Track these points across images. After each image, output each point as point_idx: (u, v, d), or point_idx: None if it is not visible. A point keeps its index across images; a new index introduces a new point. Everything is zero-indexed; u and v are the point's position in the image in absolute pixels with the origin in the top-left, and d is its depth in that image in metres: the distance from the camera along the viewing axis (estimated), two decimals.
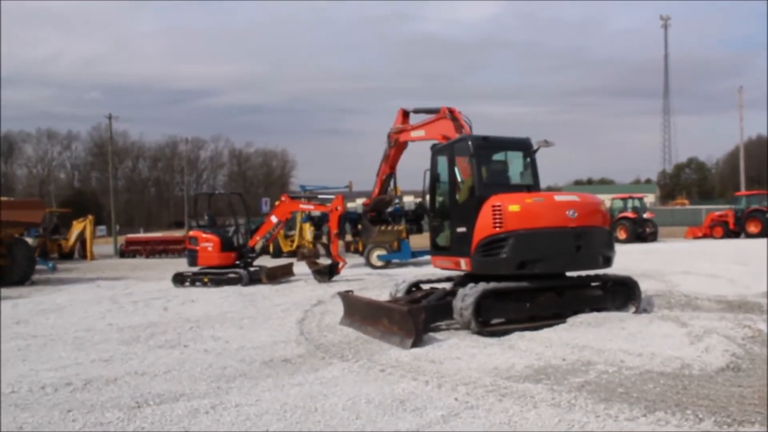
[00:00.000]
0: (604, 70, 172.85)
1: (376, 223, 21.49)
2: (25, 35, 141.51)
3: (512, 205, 9.55)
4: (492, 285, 9.30)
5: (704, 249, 27.89)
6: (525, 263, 9.50)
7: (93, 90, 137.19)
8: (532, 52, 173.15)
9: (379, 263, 22.78)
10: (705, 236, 38.53)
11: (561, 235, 9.66)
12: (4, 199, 24.81)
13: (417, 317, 8.44)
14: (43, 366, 7.98)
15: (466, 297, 9.13)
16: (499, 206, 9.53)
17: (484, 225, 9.59)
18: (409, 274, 19.62)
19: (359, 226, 25.06)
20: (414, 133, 16.84)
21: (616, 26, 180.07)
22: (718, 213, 40.16)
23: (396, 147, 17.74)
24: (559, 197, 10.42)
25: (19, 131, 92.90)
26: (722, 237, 37.41)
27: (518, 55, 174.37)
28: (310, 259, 18.76)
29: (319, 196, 22.09)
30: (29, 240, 26.99)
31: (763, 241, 32.54)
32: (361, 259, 23.86)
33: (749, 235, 36.33)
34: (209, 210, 19.54)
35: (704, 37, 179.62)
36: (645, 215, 37.85)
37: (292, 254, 29.75)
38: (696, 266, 18.80)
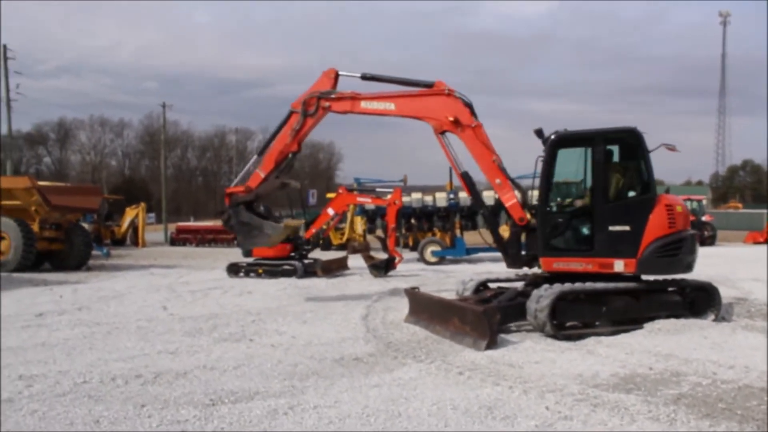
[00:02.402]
0: (658, 68, 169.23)
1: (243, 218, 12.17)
2: (86, 25, 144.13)
3: (678, 205, 9.61)
4: (569, 287, 8.91)
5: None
6: (689, 265, 9.65)
7: (148, 80, 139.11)
8: (586, 49, 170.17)
9: (433, 259, 22.45)
10: (767, 241, 37.22)
11: (692, 237, 9.81)
12: (63, 185, 25.18)
13: (492, 318, 8.11)
14: (111, 355, 7.87)
15: (542, 299, 8.77)
16: (671, 206, 9.47)
17: (658, 225, 9.37)
18: (466, 271, 19.33)
19: (412, 221, 24.84)
20: (372, 105, 11.40)
21: (673, 23, 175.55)
22: None
23: (317, 117, 11.62)
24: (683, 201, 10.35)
25: (74, 119, 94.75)
26: None
27: (572, 51, 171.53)
28: (366, 253, 18.53)
29: (377, 190, 21.78)
30: (85, 225, 27.32)
31: None
32: (413, 254, 23.57)
33: None
34: (265, 201, 19.42)
35: (763, 35, 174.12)
36: (704, 218, 36.65)
37: (342, 247, 29.64)
38: (765, 273, 18.02)
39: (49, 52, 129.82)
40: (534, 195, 10.27)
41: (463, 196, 24.10)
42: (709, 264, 21.75)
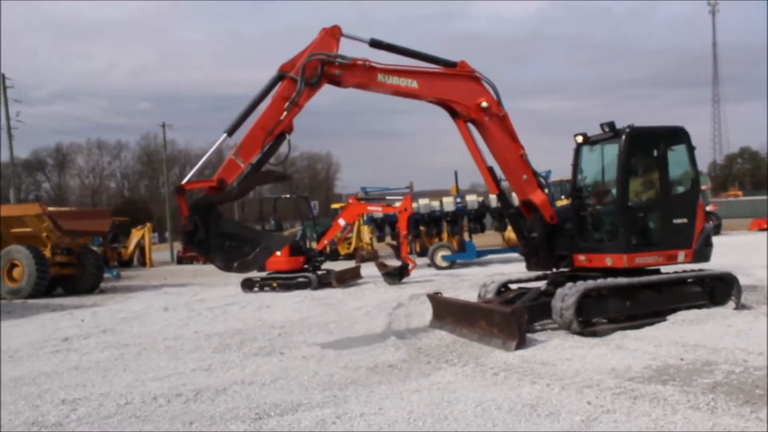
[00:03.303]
0: (651, 60, 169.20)
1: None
2: (79, 49, 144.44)
3: None
4: (593, 284, 9.02)
5: None
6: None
7: (143, 100, 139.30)
8: (578, 46, 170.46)
9: (444, 264, 22.55)
10: None
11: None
12: (72, 209, 25.28)
13: (520, 318, 8.21)
14: (146, 375, 7.96)
15: (567, 297, 8.87)
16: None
17: (702, 216, 10.15)
18: (479, 274, 19.47)
19: (420, 227, 24.91)
20: (391, 79, 9.14)
21: (663, 15, 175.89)
22: None
23: (318, 88, 8.76)
24: None
25: (70, 143, 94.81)
26: None
27: (564, 48, 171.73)
28: (376, 261, 18.63)
29: (387, 198, 21.89)
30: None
31: None
32: (422, 260, 23.65)
33: None
34: (275, 214, 19.53)
35: (754, 21, 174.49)
36: (708, 208, 36.72)
37: (350, 257, 29.74)
38: None
39: (43, 78, 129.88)
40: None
41: (470, 199, 24.23)
42: (718, 253, 21.71)
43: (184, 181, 8.70)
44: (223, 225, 8.45)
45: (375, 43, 9.16)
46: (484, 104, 9.54)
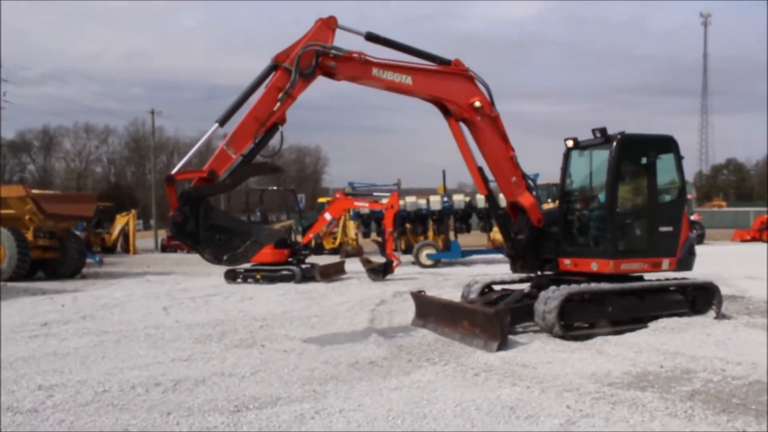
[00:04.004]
0: (645, 68, 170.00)
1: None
2: (73, 31, 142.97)
3: None
4: (576, 288, 9.06)
5: (757, 253, 27.12)
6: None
7: (135, 85, 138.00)
8: (574, 51, 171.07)
9: (428, 262, 22.56)
10: (753, 239, 37.63)
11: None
12: (57, 193, 25.07)
13: (503, 320, 8.23)
14: (125, 364, 7.90)
15: (550, 300, 8.90)
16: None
17: (687, 225, 10.23)
18: (462, 273, 19.50)
19: (406, 224, 24.91)
20: (386, 74, 9.03)
21: (659, 25, 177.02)
22: None
23: (312, 79, 8.61)
24: None
25: (58, 126, 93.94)
26: None
27: (560, 53, 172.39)
28: (364, 257, 18.61)
29: (374, 194, 21.86)
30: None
31: None
32: (407, 257, 23.66)
33: None
34: (261, 206, 19.47)
35: (746, 36, 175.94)
36: (692, 217, 36.97)
37: (335, 251, 29.69)
38: (757, 271, 18.26)
39: (36, 59, 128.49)
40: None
41: (458, 198, 24.25)
42: (701, 263, 21.87)
43: (174, 170, 8.46)
44: (214, 217, 8.26)
45: (371, 37, 9.08)
46: (477, 104, 9.51)
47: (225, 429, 5.40)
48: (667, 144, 10.27)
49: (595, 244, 9.96)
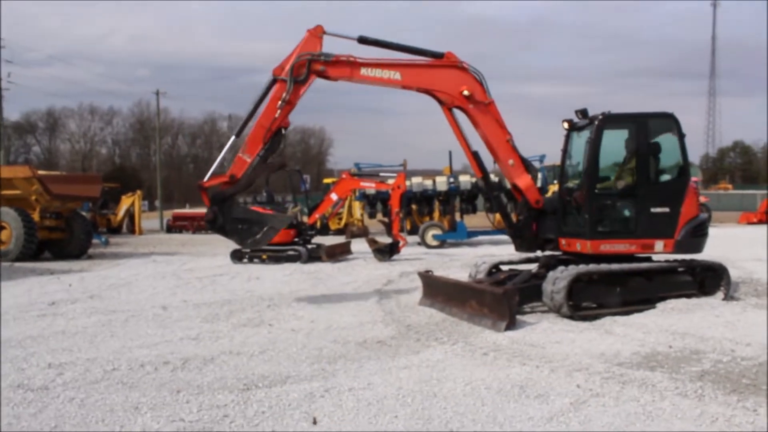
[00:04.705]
0: (653, 51, 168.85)
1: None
2: (80, 12, 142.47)
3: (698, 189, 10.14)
4: (584, 268, 9.03)
5: (764, 236, 27.06)
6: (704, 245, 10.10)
7: (141, 67, 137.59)
8: (582, 34, 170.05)
9: (434, 243, 22.53)
10: (760, 222, 37.50)
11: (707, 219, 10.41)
12: (63, 173, 25.06)
13: (511, 299, 8.22)
14: (134, 343, 7.91)
15: (558, 280, 8.88)
16: (696, 189, 9.93)
17: (691, 206, 9.80)
18: (469, 254, 19.50)
19: (412, 205, 24.89)
20: (374, 72, 9.94)
21: (667, 7, 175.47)
22: None
23: (307, 84, 9.84)
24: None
25: (63, 107, 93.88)
26: None
27: (568, 35, 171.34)
28: (370, 237, 18.59)
29: (380, 174, 21.81)
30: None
31: None
32: (413, 238, 23.65)
33: None
34: (267, 186, 19.42)
35: (753, 18, 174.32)
36: (700, 199, 36.83)
37: (340, 232, 29.69)
38: (765, 253, 18.21)
39: (42, 41, 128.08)
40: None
41: (464, 180, 24.14)
42: (708, 245, 21.95)
43: (205, 179, 10.02)
44: (235, 211, 10.17)
45: (363, 40, 9.98)
46: (466, 92, 9.94)
47: (235, 407, 5.40)
48: (665, 122, 9.99)
49: (580, 225, 9.93)
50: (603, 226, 9.76)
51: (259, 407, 5.38)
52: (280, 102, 9.72)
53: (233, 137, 10.15)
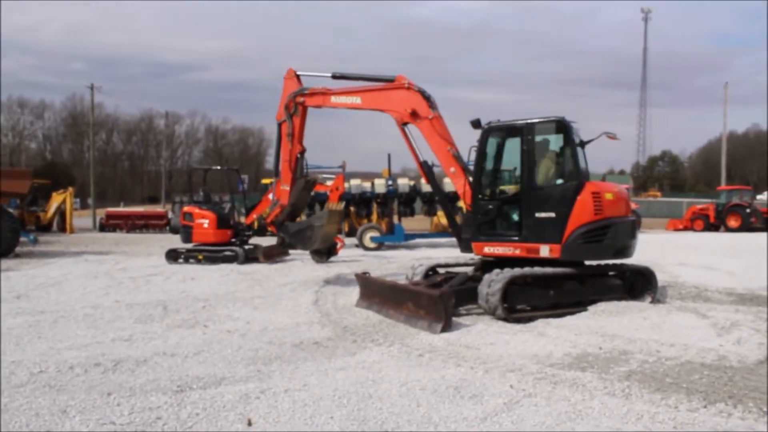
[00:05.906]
0: (590, 61, 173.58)
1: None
2: (11, 2, 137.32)
3: (608, 193, 9.90)
4: (519, 271, 9.20)
5: (689, 242, 28.16)
6: (619, 250, 10.07)
7: (77, 60, 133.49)
8: (523, 41, 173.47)
9: (372, 245, 22.59)
10: (686, 228, 38.99)
11: (631, 224, 10.40)
12: None
13: (448, 302, 8.31)
14: (62, 344, 7.67)
15: (493, 283, 9.02)
16: (598, 193, 9.74)
17: (584, 211, 9.63)
18: (406, 256, 19.61)
19: (351, 207, 24.90)
20: (341, 99, 11.85)
21: (606, 18, 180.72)
22: (699, 206, 40.64)
23: (301, 115, 12.19)
24: (621, 188, 10.75)
25: None
26: (702, 230, 37.96)
27: (510, 43, 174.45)
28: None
29: (319, 176, 21.72)
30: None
31: (744, 235, 33.16)
32: (351, 240, 23.66)
33: (729, 229, 36.87)
34: (204, 185, 19.15)
35: (685, 32, 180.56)
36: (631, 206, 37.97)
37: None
38: (689, 258, 18.92)
39: None
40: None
41: (402, 182, 24.33)
42: (638, 250, 22.66)
43: (267, 217, 13.12)
44: (290, 228, 12.62)
45: (336, 76, 12.03)
46: (410, 110, 10.91)
47: (168, 409, 5.31)
48: (553, 127, 10.12)
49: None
50: (489, 229, 10.20)
51: (193, 409, 5.30)
52: (287, 138, 12.23)
53: (273, 179, 13.25)
